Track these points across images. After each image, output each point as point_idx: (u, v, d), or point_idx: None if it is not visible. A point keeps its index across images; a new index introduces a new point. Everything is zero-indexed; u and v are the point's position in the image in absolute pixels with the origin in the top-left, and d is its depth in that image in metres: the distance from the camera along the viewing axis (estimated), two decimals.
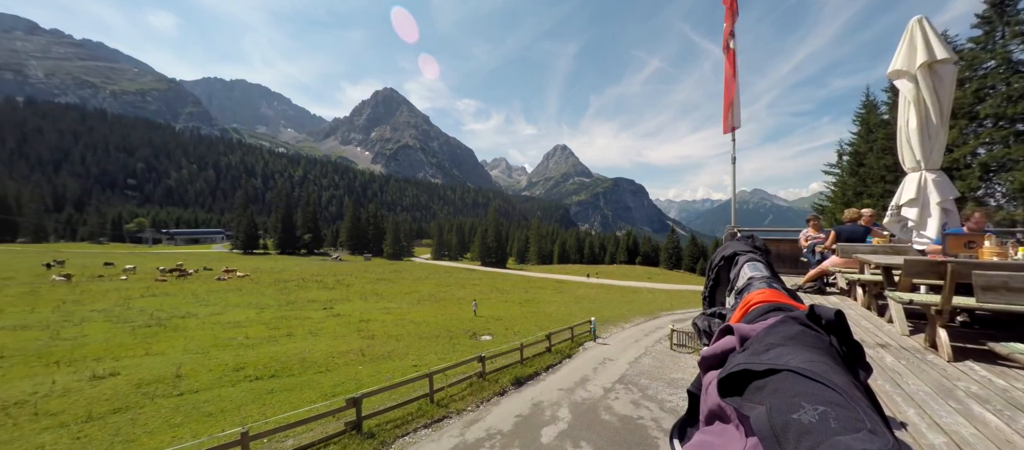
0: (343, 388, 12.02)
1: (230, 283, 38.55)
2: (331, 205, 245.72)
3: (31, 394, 10.73)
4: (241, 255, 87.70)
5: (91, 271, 42.49)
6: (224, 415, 9.96)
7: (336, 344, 17.36)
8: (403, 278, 52.65)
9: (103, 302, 25.55)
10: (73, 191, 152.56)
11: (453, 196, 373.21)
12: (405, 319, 24.45)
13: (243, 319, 22.20)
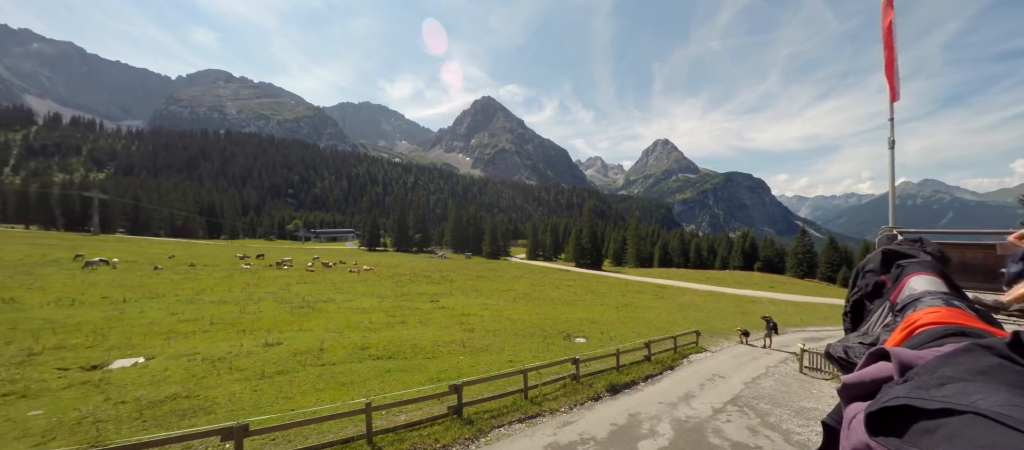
0: (446, 375, 13.10)
1: (359, 275, 45.11)
2: (437, 208, 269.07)
3: (227, 353, 14.15)
4: (367, 251, 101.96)
5: (265, 261, 53.99)
6: (354, 386, 11.73)
7: (441, 334, 18.98)
8: (500, 276, 54.98)
9: (272, 286, 32.26)
10: (253, 199, 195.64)
11: (547, 197, 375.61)
12: (502, 315, 25.53)
13: (368, 306, 25.78)
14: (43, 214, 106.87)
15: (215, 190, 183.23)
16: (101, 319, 17.98)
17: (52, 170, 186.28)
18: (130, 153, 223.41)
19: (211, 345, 14.98)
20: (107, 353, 13.41)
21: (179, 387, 10.75)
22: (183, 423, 8.85)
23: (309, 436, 8.53)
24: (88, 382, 10.87)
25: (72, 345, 14.03)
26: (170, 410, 9.43)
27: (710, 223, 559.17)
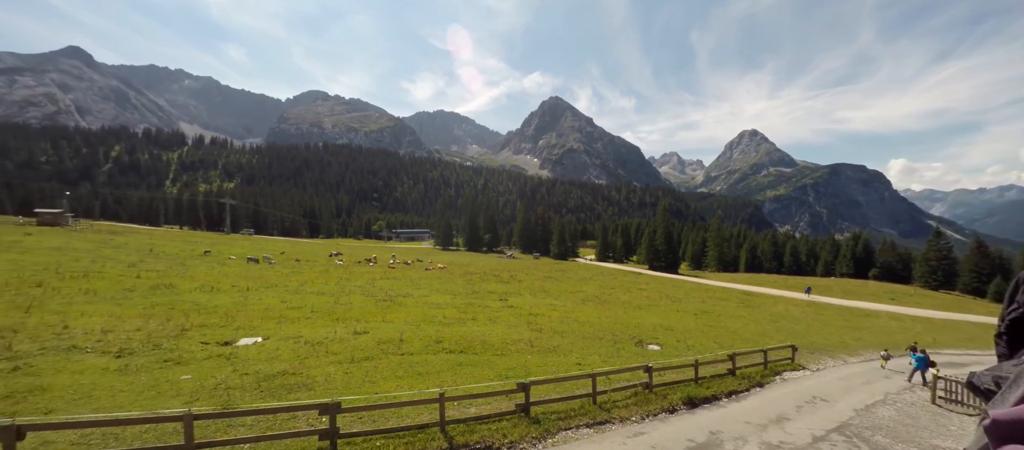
0: (514, 373, 13.32)
1: (433, 273, 47.94)
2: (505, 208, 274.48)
3: (324, 338, 16.01)
4: (441, 250, 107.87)
5: (355, 258, 60.02)
6: (429, 376, 12.50)
7: (509, 332, 19.35)
8: (568, 277, 54.34)
9: (360, 280, 35.75)
10: (345, 203, 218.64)
11: (617, 196, 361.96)
12: (570, 317, 25.21)
13: (442, 302, 27.28)
14: (192, 216, 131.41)
15: (315, 195, 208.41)
16: (231, 304, 21.53)
17: (198, 181, 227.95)
18: (252, 165, 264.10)
19: (312, 330, 17.08)
20: (235, 332, 16.02)
21: (287, 365, 12.44)
22: (290, 396, 10.22)
23: (390, 418, 9.29)
24: (221, 355, 13.10)
25: (210, 324, 17.02)
26: (280, 384, 10.97)
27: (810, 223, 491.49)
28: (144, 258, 36.87)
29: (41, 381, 10.02)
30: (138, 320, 16.64)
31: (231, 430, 8.18)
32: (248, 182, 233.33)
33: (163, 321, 16.80)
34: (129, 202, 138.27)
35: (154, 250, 43.69)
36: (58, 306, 17.86)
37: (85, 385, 10.03)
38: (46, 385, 9.81)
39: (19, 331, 13.79)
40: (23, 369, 10.70)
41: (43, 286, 21.62)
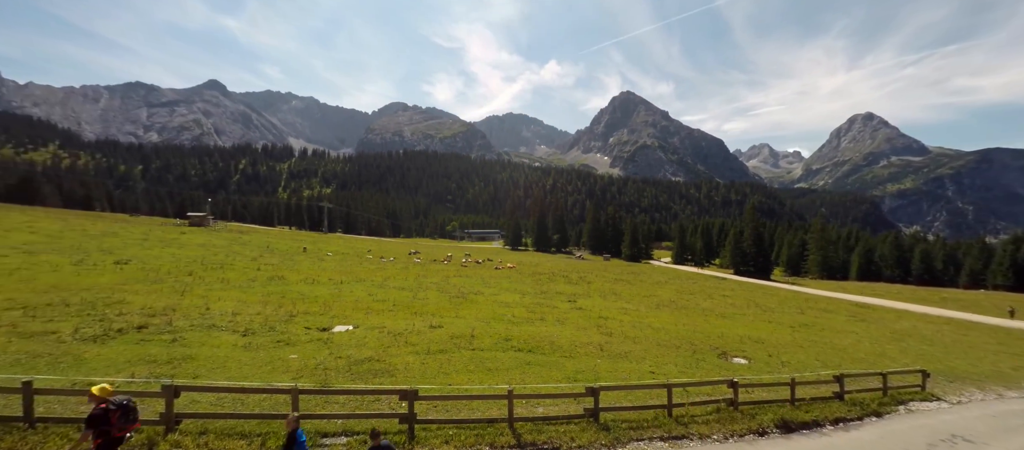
0: (583, 376, 13.07)
1: (503, 272, 49.06)
2: (574, 208, 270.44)
3: (404, 330, 17.32)
4: (510, 250, 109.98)
5: (431, 256, 63.94)
6: (498, 372, 12.83)
7: (578, 335, 19.03)
8: (641, 281, 51.77)
9: (435, 277, 37.98)
10: (422, 205, 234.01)
11: (697, 194, 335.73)
12: (643, 322, 24.00)
13: (511, 301, 27.80)
14: (297, 218, 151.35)
15: (396, 198, 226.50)
16: (328, 295, 24.35)
17: (302, 188, 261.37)
18: (344, 173, 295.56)
19: (393, 322, 18.59)
20: (331, 320, 18.08)
21: (373, 352, 13.71)
22: (375, 380, 11.25)
23: (462, 410, 9.73)
24: (320, 340, 14.89)
25: (312, 312, 19.43)
26: (367, 368, 12.12)
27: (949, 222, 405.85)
28: (263, 254, 43.35)
29: (190, 351, 12.36)
30: (258, 305, 19.63)
31: (328, 406, 9.26)
32: (342, 188, 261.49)
33: (276, 307, 19.59)
34: (252, 206, 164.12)
35: (270, 247, 51.13)
36: (202, 291, 21.83)
37: (220, 357, 12.13)
38: (193, 355, 12.07)
39: (176, 310, 17.15)
40: (178, 341, 13.29)
41: (193, 275, 26.60)
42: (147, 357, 11.56)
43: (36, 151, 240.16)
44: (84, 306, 16.37)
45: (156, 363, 11.16)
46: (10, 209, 59.06)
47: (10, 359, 10.44)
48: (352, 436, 8.28)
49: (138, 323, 14.70)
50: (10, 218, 44.87)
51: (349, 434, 8.35)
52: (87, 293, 18.67)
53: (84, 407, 8.19)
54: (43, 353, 11.14)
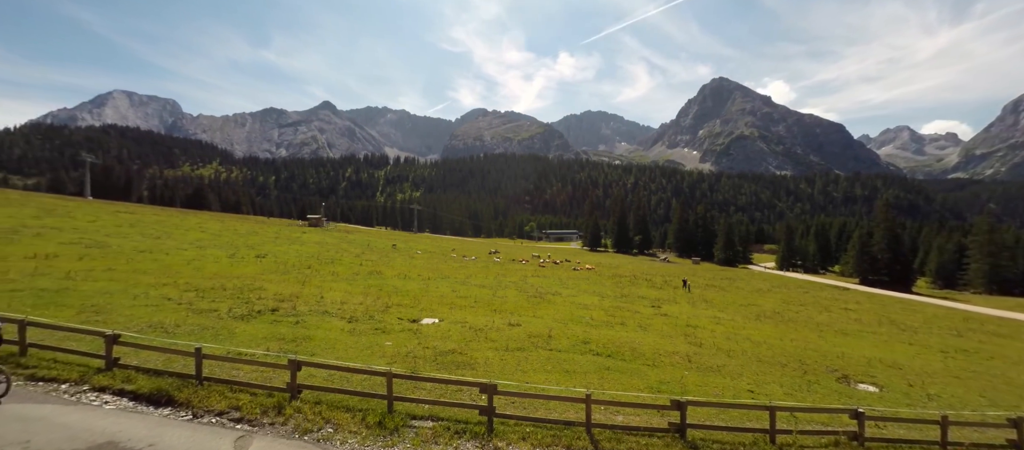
0: (668, 388, 12.21)
1: (581, 273, 48.20)
2: (659, 208, 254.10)
3: (484, 326, 18.02)
4: (588, 251, 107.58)
5: (510, 256, 65.60)
6: (575, 375, 12.64)
7: (663, 343, 17.84)
8: (737, 287, 46.61)
9: (514, 277, 38.85)
10: (502, 206, 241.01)
11: (808, 190, 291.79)
12: (739, 334, 21.58)
13: (589, 303, 27.18)
14: (391, 219, 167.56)
15: (478, 200, 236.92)
16: (417, 289, 26.48)
17: (396, 192, 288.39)
18: (431, 178, 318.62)
19: (474, 318, 19.48)
20: (420, 313, 19.63)
21: (456, 345, 14.53)
22: (457, 372, 11.91)
23: (538, 408, 9.79)
24: (410, 330, 16.25)
25: (404, 304, 21.31)
26: (450, 360, 12.89)
27: None
28: (364, 251, 48.80)
29: (308, 333, 14.46)
30: (360, 296, 22.17)
31: (416, 391, 10.07)
32: (429, 191, 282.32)
33: (375, 298, 21.91)
34: (355, 209, 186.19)
35: (370, 245, 57.35)
36: (318, 282, 25.38)
37: (331, 339, 13.98)
38: (311, 336, 14.09)
39: (299, 298, 20.19)
40: (300, 324, 15.63)
41: (310, 268, 31.07)
42: (277, 335, 13.82)
43: (204, 167, 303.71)
44: (235, 291, 20.18)
45: (284, 340, 13.28)
46: (187, 214, 75.42)
47: (186, 330, 13.34)
48: (437, 421, 8.88)
49: (271, 306, 17.65)
50: (187, 220, 57.38)
51: (435, 419, 8.97)
52: (237, 280, 22.98)
53: (237, 371, 10.11)
54: (208, 326, 14.03)
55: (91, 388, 9.02)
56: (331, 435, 8.11)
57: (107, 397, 8.79)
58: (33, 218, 37.27)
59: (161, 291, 18.31)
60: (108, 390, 8.99)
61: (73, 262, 22.59)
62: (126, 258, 25.82)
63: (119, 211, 55.62)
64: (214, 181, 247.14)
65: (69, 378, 9.28)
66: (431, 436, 8.34)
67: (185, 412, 8.50)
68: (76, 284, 17.88)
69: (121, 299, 16.28)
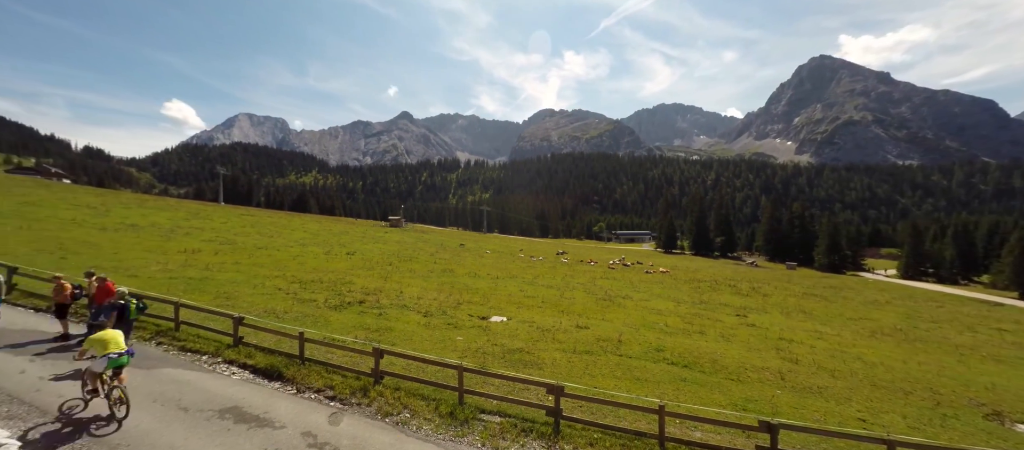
0: (755, 406, 11.02)
1: (655, 276, 45.65)
2: (745, 206, 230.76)
3: (551, 327, 17.94)
4: (662, 254, 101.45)
5: (578, 257, 64.54)
6: (647, 383, 12.00)
7: (749, 356, 16.16)
8: (845, 298, 40.38)
9: (582, 278, 38.13)
10: (569, 206, 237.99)
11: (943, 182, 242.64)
12: (847, 352, 18.68)
13: (664, 309, 25.62)
14: (462, 220, 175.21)
15: (545, 200, 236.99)
16: (486, 288, 27.33)
17: (466, 194, 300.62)
18: (499, 179, 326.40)
19: (542, 318, 19.53)
20: (489, 310, 20.23)
21: (523, 344, 14.71)
22: (524, 370, 12.04)
23: (607, 415, 9.49)
24: (480, 327, 16.83)
25: (474, 302, 22.14)
26: (518, 359, 13.09)
27: None
28: (438, 250, 51.73)
29: (389, 324, 15.74)
30: (434, 292, 23.55)
31: (485, 386, 10.40)
32: (498, 192, 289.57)
33: (447, 295, 23.11)
34: (430, 211, 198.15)
35: (443, 245, 60.60)
36: (398, 278, 27.51)
37: (408, 331, 15.06)
38: (391, 327, 15.33)
39: (381, 292, 22.09)
40: (382, 315, 17.09)
41: (391, 265, 33.79)
42: (363, 325, 15.28)
43: (305, 176, 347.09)
44: (330, 284, 22.75)
45: (369, 330, 14.64)
46: (292, 216, 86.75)
47: (292, 316, 15.37)
48: (505, 417, 9.08)
49: (359, 299, 19.56)
50: (292, 222, 66.07)
51: (502, 415, 9.18)
52: (331, 274, 25.89)
53: (331, 355, 11.40)
54: (308, 314, 16.01)
55: (223, 360, 10.85)
56: (408, 420, 8.75)
57: (234, 369, 10.50)
58: (184, 220, 45.92)
59: (273, 282, 21.34)
60: (235, 363, 10.74)
61: (211, 256, 27.37)
62: (248, 253, 30.56)
63: (243, 214, 66.03)
64: (313, 187, 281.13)
65: (207, 351, 11.27)
66: (499, 431, 8.55)
67: (291, 387, 9.80)
68: (213, 274, 21.62)
69: (244, 288, 19.31)
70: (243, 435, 7.54)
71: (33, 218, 33.24)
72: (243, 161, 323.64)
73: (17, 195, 44.80)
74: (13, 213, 34.08)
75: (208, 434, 7.43)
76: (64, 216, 36.42)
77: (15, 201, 40.53)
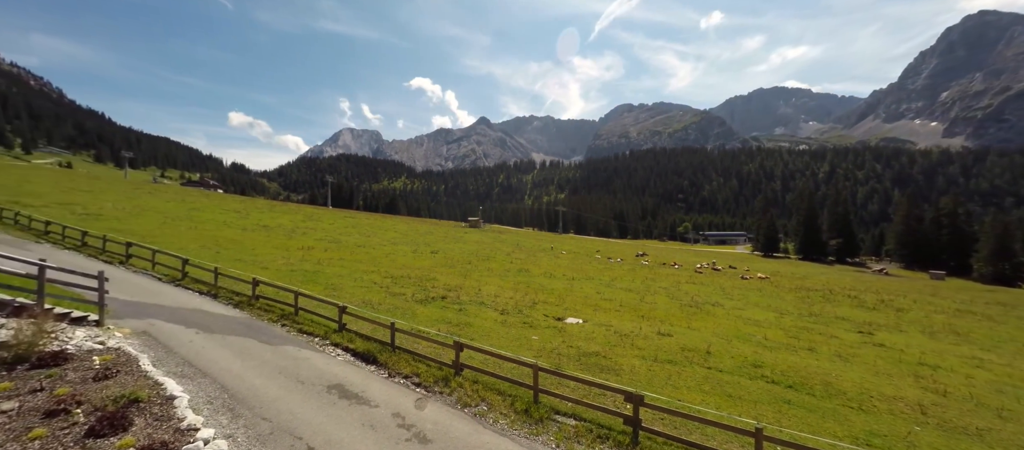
0: (883, 442, 9.25)
1: (751, 283, 40.91)
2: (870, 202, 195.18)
3: (630, 332, 17.14)
4: (760, 257, 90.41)
5: (659, 260, 60.69)
6: (741, 402, 10.81)
7: (876, 382, 13.62)
8: (1019, 316, 31.72)
9: (664, 282, 35.77)
10: (650, 205, 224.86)
11: None
12: (1022, 388, 14.66)
13: (762, 319, 22.83)
14: (537, 221, 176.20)
15: (623, 200, 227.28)
16: (562, 289, 27.16)
17: (542, 195, 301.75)
18: (575, 179, 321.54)
19: (619, 322, 18.79)
20: (564, 311, 20.08)
21: (599, 347, 14.31)
22: (600, 375, 11.70)
23: (693, 431, 8.77)
24: (555, 328, 16.79)
25: (549, 302, 22.16)
26: (594, 362, 12.77)
27: None
28: (514, 250, 52.84)
29: (468, 320, 16.53)
30: (511, 291, 24.11)
31: (560, 387, 10.35)
32: (573, 193, 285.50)
33: (523, 294, 23.49)
34: (506, 212, 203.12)
35: (519, 245, 61.73)
36: (476, 276, 28.75)
37: (486, 328, 15.65)
38: (470, 323, 16.08)
39: (461, 289, 23.30)
40: (462, 311, 18.01)
41: (470, 264, 35.44)
42: (445, 319, 16.28)
43: (396, 181, 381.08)
44: (416, 280, 24.69)
45: (450, 324, 15.55)
46: (385, 218, 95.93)
47: (385, 308, 17.01)
48: (580, 421, 8.93)
49: (441, 294, 20.89)
50: (385, 223, 73.04)
51: (577, 418, 9.04)
52: (418, 271, 28.07)
53: (417, 345, 12.37)
54: (398, 306, 17.57)
55: (330, 343, 12.46)
56: (485, 412, 9.10)
57: (338, 351, 11.98)
58: (301, 221, 53.67)
59: (370, 277, 23.85)
60: (339, 346, 12.25)
61: (321, 253, 31.58)
62: (350, 251, 34.60)
63: (346, 216, 74.97)
64: (402, 191, 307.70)
65: (318, 333, 13.03)
66: (573, 434, 8.45)
67: (383, 371, 10.87)
68: (322, 268, 24.93)
69: (347, 281, 21.91)
70: (345, 409, 8.58)
71: (198, 220, 41.82)
72: (346, 170, 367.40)
73: (187, 203, 56.81)
74: (185, 217, 43.26)
75: (319, 405, 8.61)
76: (218, 219, 45.14)
77: (186, 207, 51.42)
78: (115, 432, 6.29)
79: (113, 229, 28.41)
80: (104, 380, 8.00)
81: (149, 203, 50.73)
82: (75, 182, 66.68)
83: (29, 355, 8.23)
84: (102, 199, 48.06)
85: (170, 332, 11.75)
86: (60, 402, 6.80)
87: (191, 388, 8.58)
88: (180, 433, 6.61)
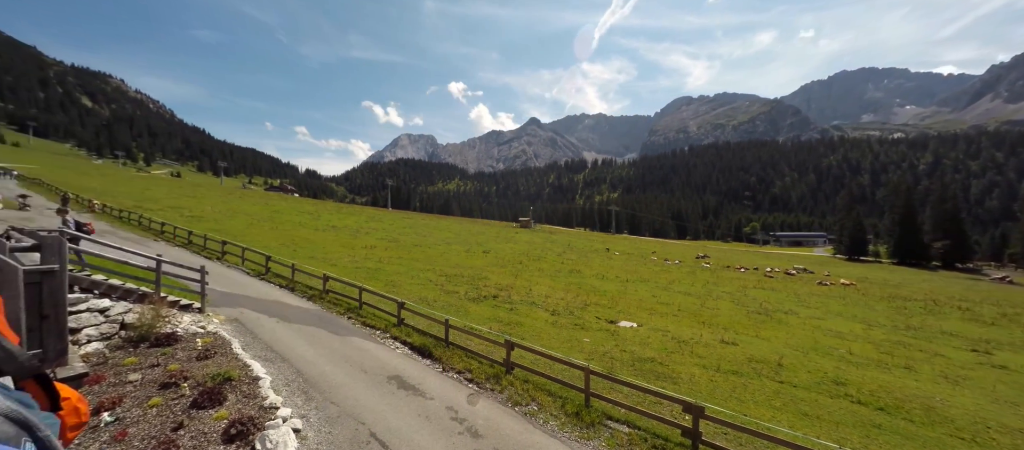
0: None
1: (832, 289, 36.71)
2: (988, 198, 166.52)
3: (690, 338, 16.16)
4: (844, 261, 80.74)
5: (722, 262, 56.58)
6: (820, 422, 9.73)
7: (995, 410, 11.56)
8: None
9: (729, 287, 33.27)
10: (712, 204, 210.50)
11: None
12: None
13: (846, 331, 20.39)
14: (589, 221, 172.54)
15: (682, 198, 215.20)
16: (615, 291, 26.36)
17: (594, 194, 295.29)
18: (629, 177, 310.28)
19: (678, 328, 17.82)
20: (617, 314, 19.48)
21: (655, 353, 13.68)
22: (656, 382, 11.18)
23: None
24: (607, 330, 16.34)
25: (602, 304, 21.62)
26: (649, 369, 12.23)
27: None
28: (565, 250, 52.29)
29: (519, 319, 16.65)
30: (562, 292, 23.89)
31: (612, 392, 10.06)
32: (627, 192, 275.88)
33: (574, 295, 23.16)
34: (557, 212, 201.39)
35: (570, 245, 60.97)
36: (527, 276, 28.87)
37: (537, 328, 15.65)
38: (521, 322, 16.18)
39: (512, 288, 23.53)
40: (513, 311, 18.18)
41: (521, 264, 35.67)
42: (496, 317, 16.55)
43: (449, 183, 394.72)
44: (469, 278, 25.38)
45: (501, 323, 15.78)
46: (440, 218, 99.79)
47: (439, 305, 17.68)
48: (634, 429, 8.61)
49: (493, 293, 21.27)
50: (440, 223, 75.98)
51: (631, 426, 8.73)
52: (470, 270, 28.83)
53: (469, 342, 12.72)
54: (452, 304, 18.18)
55: (390, 336, 13.23)
56: (536, 412, 9.10)
57: (397, 344, 12.68)
58: (365, 222, 57.57)
59: (426, 275, 24.96)
60: (398, 339, 12.96)
61: (382, 251, 33.64)
62: (407, 250, 36.48)
63: (404, 217, 79.18)
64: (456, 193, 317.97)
65: (379, 327, 13.89)
66: (627, 442, 8.16)
67: (438, 366, 11.31)
68: (383, 266, 26.54)
69: (405, 278, 23.12)
70: (403, 399, 9.06)
71: (278, 221, 46.58)
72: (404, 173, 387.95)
73: (270, 206, 63.54)
74: (267, 218, 48.39)
75: (380, 395, 9.18)
76: (294, 220, 49.91)
77: (268, 210, 57.51)
78: (213, 405, 7.22)
79: (211, 229, 32.60)
80: (204, 359, 9.21)
81: (239, 206, 57.49)
82: (183, 189, 77.73)
83: (149, 335, 9.74)
84: (203, 203, 55.38)
85: (255, 320, 13.21)
86: (172, 376, 7.96)
87: (272, 370, 9.58)
88: (264, 410, 7.41)
